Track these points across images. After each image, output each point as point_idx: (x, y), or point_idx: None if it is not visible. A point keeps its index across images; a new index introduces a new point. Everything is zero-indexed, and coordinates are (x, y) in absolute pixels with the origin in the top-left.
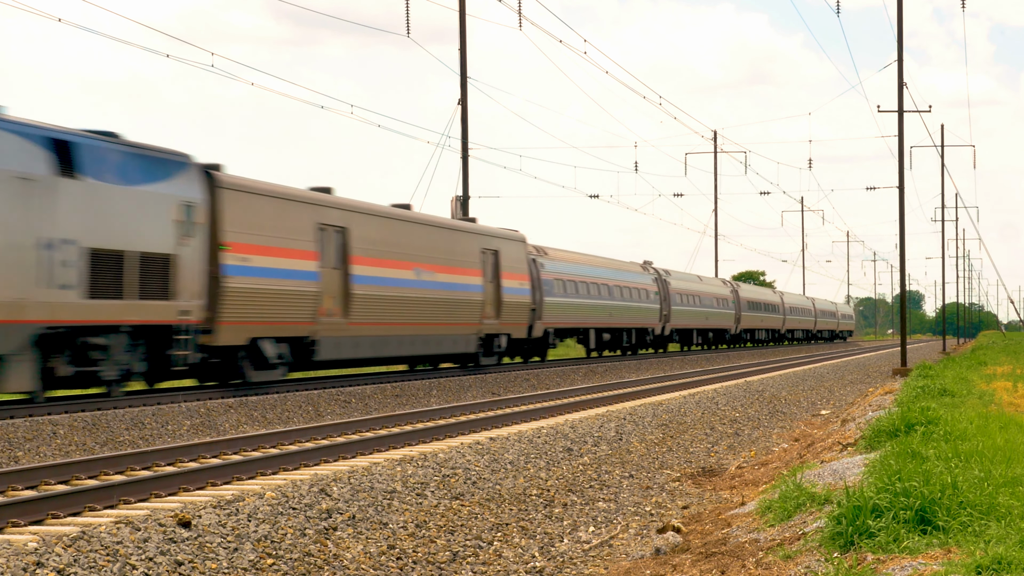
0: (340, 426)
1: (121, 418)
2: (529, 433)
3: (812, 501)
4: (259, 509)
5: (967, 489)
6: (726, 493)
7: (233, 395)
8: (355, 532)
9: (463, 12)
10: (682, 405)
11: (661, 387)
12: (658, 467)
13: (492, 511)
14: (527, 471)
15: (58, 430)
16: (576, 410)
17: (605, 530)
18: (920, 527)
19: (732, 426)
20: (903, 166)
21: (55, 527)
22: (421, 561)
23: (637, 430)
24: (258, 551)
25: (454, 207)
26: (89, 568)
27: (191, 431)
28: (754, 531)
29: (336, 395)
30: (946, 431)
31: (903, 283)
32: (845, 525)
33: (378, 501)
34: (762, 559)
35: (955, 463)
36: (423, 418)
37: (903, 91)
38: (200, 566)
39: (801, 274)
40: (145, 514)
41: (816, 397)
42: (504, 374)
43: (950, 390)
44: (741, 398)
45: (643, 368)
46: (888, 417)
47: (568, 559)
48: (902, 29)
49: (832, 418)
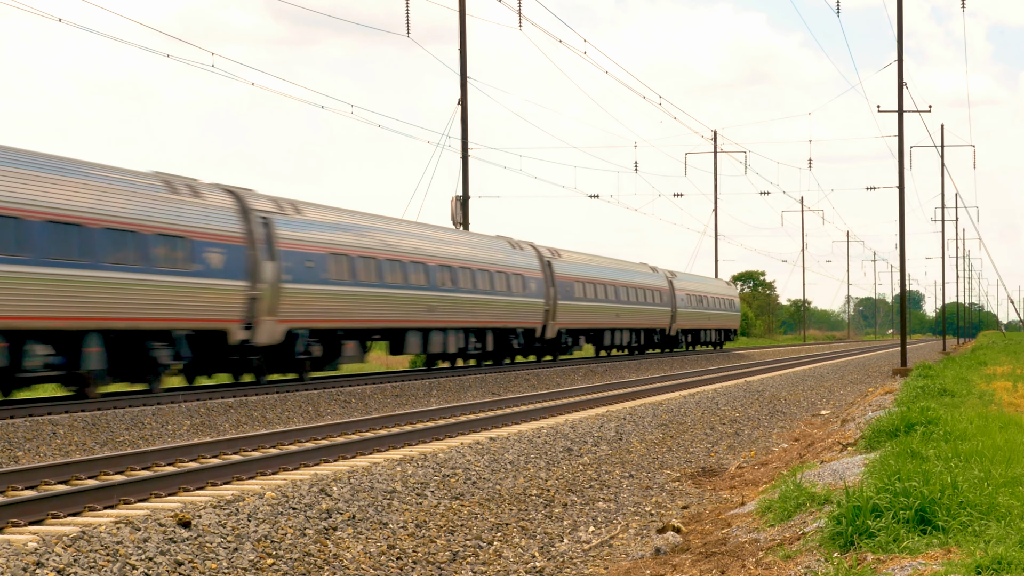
0: (340, 426)
1: (121, 418)
2: (529, 433)
3: (812, 501)
4: (259, 509)
5: (967, 489)
6: (726, 493)
7: (233, 395)
8: (355, 532)
9: (463, 12)
10: (682, 405)
11: (661, 387)
12: (658, 467)
13: (492, 511)
14: (527, 471)
15: (58, 430)
16: (576, 410)
17: (605, 530)
18: (920, 527)
19: (732, 426)
20: (903, 166)
21: (55, 527)
22: (421, 561)
23: (637, 430)
24: (258, 551)
25: (454, 207)
26: (89, 568)
27: (191, 431)
28: (754, 531)
29: (336, 395)
30: (946, 431)
31: (903, 283)
32: (845, 525)
33: (378, 501)
34: (762, 559)
35: (955, 463)
36: (423, 418)
37: (903, 91)
38: (200, 566)
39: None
40: (145, 514)
41: (816, 397)
42: (504, 374)
43: (950, 390)
44: (741, 398)
45: (643, 368)
46: (888, 417)
47: (568, 559)
48: (902, 29)
49: (832, 418)
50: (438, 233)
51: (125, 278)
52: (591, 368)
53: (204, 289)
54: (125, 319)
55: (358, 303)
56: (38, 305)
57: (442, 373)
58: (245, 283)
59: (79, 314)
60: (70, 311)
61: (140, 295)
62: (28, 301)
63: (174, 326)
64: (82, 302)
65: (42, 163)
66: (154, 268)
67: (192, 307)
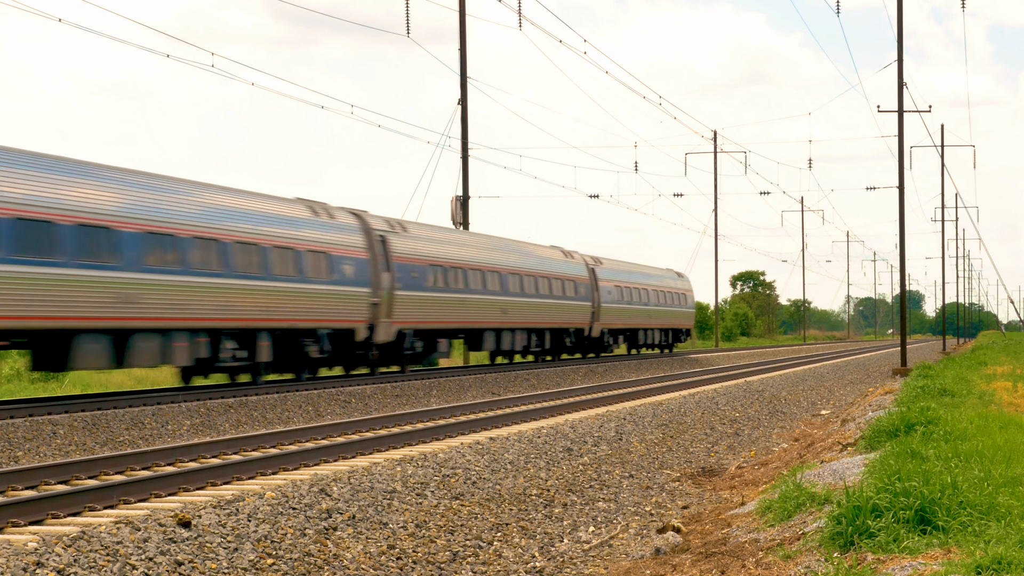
0: (340, 426)
1: (121, 418)
2: (529, 433)
3: (812, 501)
4: (259, 509)
5: (967, 489)
6: (726, 493)
7: (233, 395)
8: (355, 532)
9: (463, 12)
10: (682, 405)
11: (661, 387)
12: (658, 467)
13: (492, 511)
14: (527, 471)
15: (58, 430)
16: (576, 410)
17: (605, 530)
18: (920, 527)
19: (732, 426)
20: (903, 166)
21: (55, 527)
22: (421, 561)
23: (637, 430)
24: (258, 551)
25: (454, 207)
26: (89, 568)
27: (191, 431)
28: (754, 531)
29: (336, 395)
30: (946, 431)
31: (903, 283)
32: (845, 525)
33: (378, 501)
34: (762, 559)
35: (955, 463)
36: (423, 418)
37: (903, 91)
38: (200, 566)
39: (801, 274)
40: (145, 514)
41: (816, 397)
42: (504, 374)
43: (950, 390)
44: (741, 398)
45: (643, 368)
46: (888, 417)
47: (568, 559)
48: (902, 29)
49: (832, 418)
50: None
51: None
52: (591, 368)
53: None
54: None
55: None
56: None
57: (443, 373)
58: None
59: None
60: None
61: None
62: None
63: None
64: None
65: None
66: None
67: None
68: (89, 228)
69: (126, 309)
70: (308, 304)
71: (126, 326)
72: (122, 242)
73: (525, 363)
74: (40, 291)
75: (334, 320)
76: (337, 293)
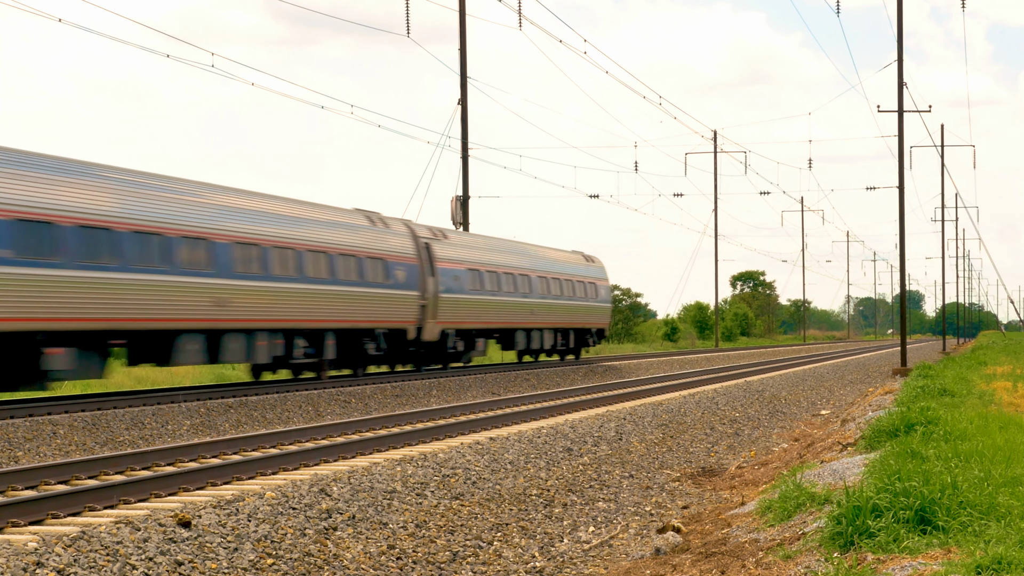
0: (340, 426)
1: (121, 418)
2: (529, 433)
3: (812, 501)
4: (259, 509)
5: (967, 489)
6: (726, 493)
7: (233, 395)
8: (355, 532)
9: (463, 12)
10: (682, 405)
11: (661, 387)
12: (658, 467)
13: (492, 511)
14: (527, 471)
15: (58, 430)
16: (576, 410)
17: (605, 530)
18: (920, 527)
19: (732, 426)
20: (903, 166)
21: (55, 527)
22: (421, 561)
23: (637, 430)
24: (258, 551)
25: (454, 207)
26: (89, 568)
27: (191, 431)
28: (754, 531)
29: (336, 395)
30: (946, 431)
31: (903, 283)
32: (845, 525)
33: (378, 501)
34: (762, 559)
35: (955, 463)
36: (423, 418)
37: (903, 91)
38: (200, 566)
39: (801, 274)
40: (145, 514)
41: (816, 397)
42: (504, 374)
43: (950, 390)
44: (741, 398)
45: (643, 368)
46: (888, 417)
47: (568, 559)
48: (902, 29)
49: (832, 418)
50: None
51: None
52: (591, 368)
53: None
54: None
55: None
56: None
57: (442, 373)
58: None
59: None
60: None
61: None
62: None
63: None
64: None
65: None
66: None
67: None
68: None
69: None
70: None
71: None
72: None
73: (526, 363)
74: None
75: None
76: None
